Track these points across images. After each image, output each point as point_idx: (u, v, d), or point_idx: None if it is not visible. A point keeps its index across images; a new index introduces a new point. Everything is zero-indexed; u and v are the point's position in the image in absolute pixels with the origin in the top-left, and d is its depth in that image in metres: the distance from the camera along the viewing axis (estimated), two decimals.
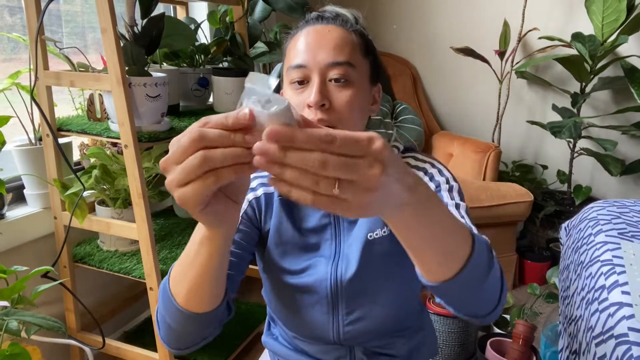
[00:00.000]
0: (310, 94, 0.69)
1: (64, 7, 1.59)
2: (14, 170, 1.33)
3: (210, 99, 1.66)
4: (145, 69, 1.23)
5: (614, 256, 0.87)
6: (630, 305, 0.70)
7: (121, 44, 1.11)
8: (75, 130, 1.25)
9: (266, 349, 0.95)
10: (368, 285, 0.78)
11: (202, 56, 1.64)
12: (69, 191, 1.21)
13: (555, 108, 2.30)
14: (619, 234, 0.95)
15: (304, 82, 0.72)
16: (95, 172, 1.24)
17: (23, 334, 0.96)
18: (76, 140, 1.46)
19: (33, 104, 1.22)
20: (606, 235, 0.95)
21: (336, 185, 0.37)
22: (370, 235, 0.76)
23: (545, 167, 2.54)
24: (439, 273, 0.52)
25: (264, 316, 0.90)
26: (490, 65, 2.39)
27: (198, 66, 1.63)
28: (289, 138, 0.36)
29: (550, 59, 2.20)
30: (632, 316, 0.68)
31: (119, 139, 1.15)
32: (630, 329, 0.66)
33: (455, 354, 1.56)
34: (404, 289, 0.81)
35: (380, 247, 0.76)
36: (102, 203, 1.33)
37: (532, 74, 2.44)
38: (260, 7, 1.87)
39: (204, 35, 1.86)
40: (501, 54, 2.39)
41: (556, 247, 2.32)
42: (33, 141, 1.33)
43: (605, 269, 0.83)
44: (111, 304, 1.58)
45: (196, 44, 1.63)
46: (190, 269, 0.56)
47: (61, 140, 1.27)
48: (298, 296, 0.80)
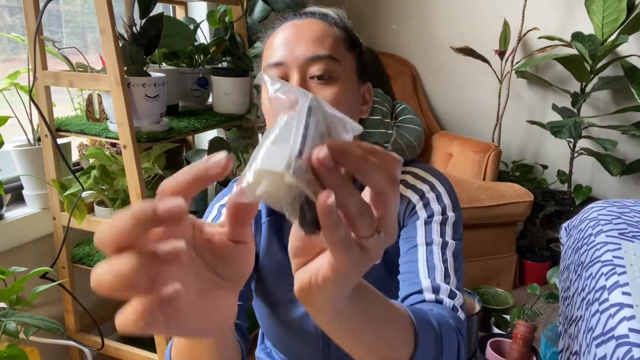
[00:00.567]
0: None
1: (63, 8, 1.59)
2: (12, 171, 1.33)
3: (210, 99, 1.66)
4: (144, 69, 1.23)
5: (614, 257, 0.86)
6: (631, 306, 0.70)
7: (120, 44, 1.11)
8: (74, 131, 1.25)
9: None
10: None
11: (201, 56, 1.63)
12: (67, 192, 1.21)
13: (555, 108, 2.30)
14: (619, 234, 0.95)
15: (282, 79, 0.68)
16: (94, 173, 1.24)
17: (21, 335, 0.96)
18: (75, 141, 1.45)
19: (32, 104, 1.22)
20: (607, 236, 0.95)
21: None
22: None
23: (545, 167, 2.53)
24: None
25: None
26: (490, 65, 2.39)
27: (197, 66, 1.62)
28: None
29: (550, 58, 2.20)
30: (633, 317, 0.68)
31: (117, 139, 1.15)
32: (631, 330, 0.65)
33: None
34: None
35: (372, 277, 0.72)
36: (101, 203, 1.33)
37: (532, 73, 2.43)
38: (259, 7, 1.86)
39: (203, 35, 1.85)
40: (501, 53, 2.39)
41: (556, 247, 2.32)
42: (32, 141, 1.33)
43: (605, 270, 0.83)
44: (110, 305, 1.58)
45: (195, 44, 1.62)
46: None
47: (60, 141, 1.26)
48: (288, 330, 0.77)
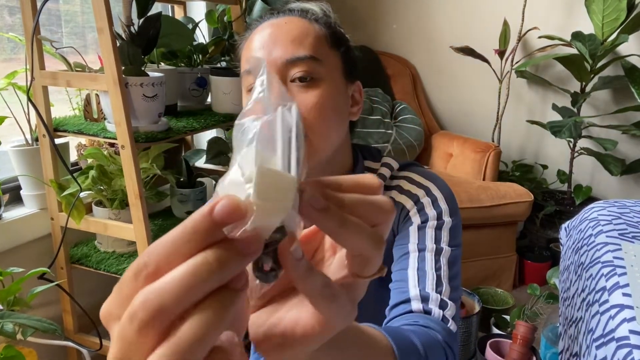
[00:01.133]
0: None
1: (63, 7, 1.58)
2: (10, 171, 1.33)
3: (208, 99, 1.65)
4: (142, 68, 1.22)
5: (614, 257, 0.86)
6: (631, 308, 0.70)
7: (118, 44, 1.11)
8: (72, 131, 1.24)
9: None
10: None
11: (200, 56, 1.63)
12: (65, 192, 1.20)
13: (555, 107, 2.29)
14: (619, 234, 0.95)
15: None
16: (92, 173, 1.24)
17: (19, 337, 0.95)
18: (73, 141, 1.45)
19: (29, 104, 1.22)
20: (607, 236, 0.94)
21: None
22: None
23: (545, 167, 2.53)
24: None
25: None
26: (490, 65, 2.38)
27: (196, 66, 1.62)
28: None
29: (550, 58, 2.19)
30: (633, 319, 0.67)
31: (115, 139, 1.14)
32: (631, 331, 0.65)
33: None
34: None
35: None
36: (99, 204, 1.32)
37: (532, 73, 2.43)
38: (258, 7, 1.86)
39: (202, 35, 1.85)
40: (501, 53, 2.38)
41: (556, 247, 2.31)
42: (29, 142, 1.32)
43: (605, 271, 0.83)
44: None
45: (194, 43, 1.62)
46: None
47: (58, 141, 1.26)
48: None
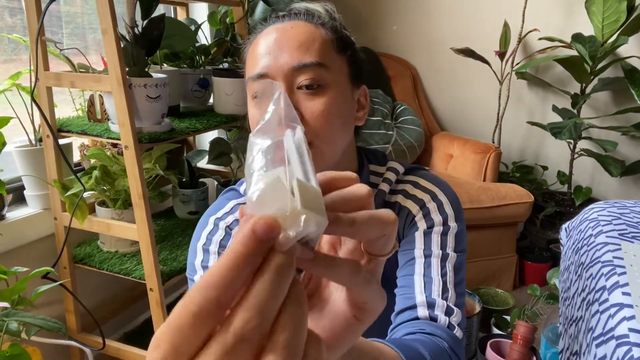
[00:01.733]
0: None
1: (64, 8, 1.59)
2: (14, 171, 1.33)
3: (211, 100, 1.66)
4: (146, 69, 1.23)
5: (614, 257, 0.87)
6: (630, 307, 0.70)
7: (122, 45, 1.12)
8: (76, 131, 1.25)
9: None
10: None
11: (203, 57, 1.64)
12: (69, 192, 1.21)
13: (555, 109, 2.30)
14: (619, 234, 0.95)
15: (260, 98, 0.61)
16: (95, 173, 1.24)
17: (23, 335, 0.96)
18: (76, 141, 1.46)
19: (33, 104, 1.22)
20: (606, 236, 0.95)
21: None
22: None
23: (545, 168, 2.54)
24: None
25: None
26: (491, 66, 2.39)
27: (198, 67, 1.63)
28: None
29: (550, 59, 2.20)
30: (633, 317, 0.68)
31: (119, 139, 1.15)
32: (630, 330, 0.66)
33: None
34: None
35: None
36: (103, 204, 1.33)
37: (532, 74, 2.44)
38: (260, 8, 1.87)
39: (205, 36, 1.86)
40: (501, 54, 2.39)
41: (556, 248, 2.32)
42: (33, 142, 1.33)
43: (605, 270, 0.83)
44: (111, 305, 1.58)
45: (196, 44, 1.63)
46: None
47: (61, 141, 1.27)
48: None
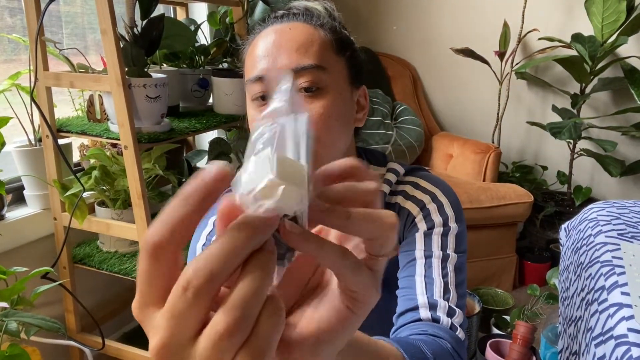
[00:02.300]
0: None
1: (64, 8, 1.59)
2: (13, 171, 1.33)
3: (210, 100, 1.66)
4: (145, 70, 1.23)
5: (613, 257, 0.87)
6: (629, 306, 0.70)
7: (121, 45, 1.12)
8: (75, 131, 1.25)
9: None
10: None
11: (202, 57, 1.64)
12: (68, 192, 1.21)
13: (555, 109, 2.30)
14: (618, 234, 0.95)
15: (266, 97, 0.60)
16: (95, 173, 1.24)
17: (22, 335, 0.96)
18: (76, 141, 1.46)
19: (33, 105, 1.22)
20: (606, 236, 0.95)
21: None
22: None
23: (545, 168, 2.54)
24: None
25: None
26: (490, 66, 2.39)
27: (198, 67, 1.63)
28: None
29: (550, 59, 2.20)
30: (632, 317, 0.68)
31: (118, 140, 1.15)
32: (629, 329, 0.66)
33: None
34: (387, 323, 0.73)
35: None
36: (102, 204, 1.33)
37: (532, 74, 2.44)
38: (260, 8, 1.87)
39: (204, 36, 1.86)
40: (501, 54, 2.39)
41: (556, 248, 2.32)
42: (33, 142, 1.33)
43: (604, 270, 0.83)
44: (111, 305, 1.58)
45: (196, 45, 1.63)
46: None
47: (61, 141, 1.27)
48: None
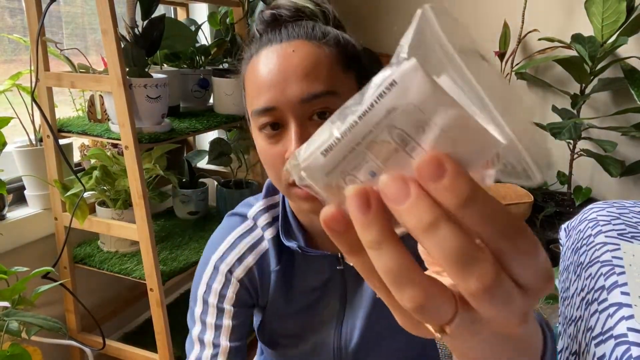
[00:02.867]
0: (290, 144, 0.55)
1: (64, 9, 1.59)
2: (14, 171, 1.33)
3: (211, 100, 1.67)
4: (146, 70, 1.23)
5: (613, 257, 0.87)
6: (629, 306, 0.70)
7: (122, 46, 1.12)
8: (76, 132, 1.25)
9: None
10: (375, 345, 0.72)
11: (203, 57, 1.64)
12: (69, 192, 1.21)
13: (555, 109, 2.30)
14: (618, 234, 0.96)
15: (277, 126, 0.57)
16: (95, 173, 1.25)
17: (23, 335, 0.96)
18: (77, 142, 1.46)
19: (34, 105, 1.23)
20: (605, 236, 0.95)
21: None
22: None
23: None
24: None
25: None
26: None
27: (198, 67, 1.63)
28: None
29: (550, 60, 2.20)
30: (632, 317, 0.68)
31: (119, 140, 1.15)
32: (629, 329, 0.66)
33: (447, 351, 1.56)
34: (414, 339, 0.76)
35: None
36: (103, 204, 1.33)
37: (532, 75, 2.44)
38: (260, 9, 1.87)
39: (205, 37, 1.86)
40: (501, 55, 2.39)
41: (556, 248, 2.32)
42: (34, 142, 1.33)
43: (604, 270, 0.84)
44: (111, 305, 1.58)
45: (196, 45, 1.63)
46: None
47: (62, 142, 1.27)
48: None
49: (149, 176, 1.39)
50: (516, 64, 2.39)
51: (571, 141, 2.28)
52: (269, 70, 0.56)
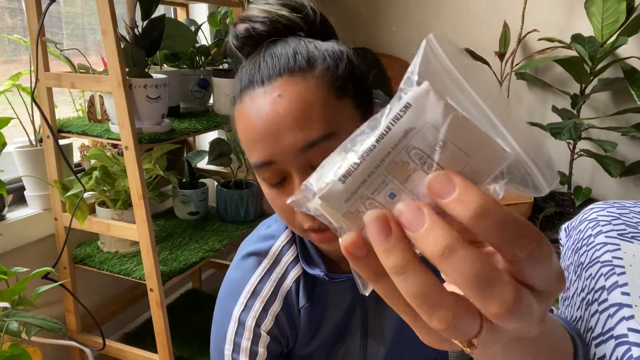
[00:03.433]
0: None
1: (64, 9, 1.59)
2: (14, 172, 1.33)
3: (211, 101, 1.66)
4: (146, 70, 1.23)
5: (613, 257, 0.87)
6: (630, 306, 0.70)
7: (122, 46, 1.12)
8: (76, 132, 1.25)
9: None
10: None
11: (203, 58, 1.64)
12: (69, 192, 1.21)
13: (555, 109, 2.30)
14: (618, 235, 0.95)
15: (279, 176, 0.54)
16: (95, 174, 1.25)
17: (23, 335, 0.96)
18: (77, 142, 1.46)
19: (34, 105, 1.23)
20: (606, 237, 0.95)
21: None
22: None
23: None
24: None
25: None
26: (490, 67, 2.39)
27: (198, 67, 1.63)
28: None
29: (550, 60, 2.20)
30: (632, 317, 0.68)
31: (119, 140, 1.15)
32: (630, 329, 0.66)
33: (456, 353, 1.56)
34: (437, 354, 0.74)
35: None
36: (103, 204, 1.33)
37: (532, 75, 2.44)
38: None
39: (204, 37, 1.86)
40: (501, 55, 2.39)
41: (556, 248, 2.31)
42: (33, 142, 1.33)
43: (605, 270, 0.84)
44: (111, 306, 1.58)
45: (196, 45, 1.63)
46: None
47: (62, 142, 1.27)
48: None
49: (149, 176, 1.39)
50: (516, 64, 2.39)
51: (571, 141, 2.28)
52: (257, 121, 0.51)
